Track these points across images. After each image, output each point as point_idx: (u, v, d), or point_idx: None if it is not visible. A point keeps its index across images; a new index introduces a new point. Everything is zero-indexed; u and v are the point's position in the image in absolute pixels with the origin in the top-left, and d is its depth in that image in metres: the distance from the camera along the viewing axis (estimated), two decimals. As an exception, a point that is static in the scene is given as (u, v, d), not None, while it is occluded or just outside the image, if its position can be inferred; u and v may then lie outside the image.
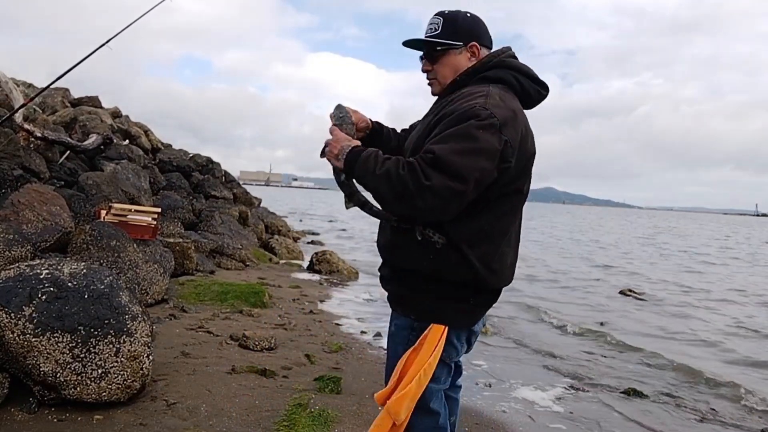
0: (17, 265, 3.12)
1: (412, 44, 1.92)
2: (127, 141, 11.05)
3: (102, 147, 8.89)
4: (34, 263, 3.11)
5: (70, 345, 2.82)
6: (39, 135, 7.32)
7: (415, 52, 1.97)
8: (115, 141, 9.81)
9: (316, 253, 9.69)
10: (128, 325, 3.00)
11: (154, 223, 6.14)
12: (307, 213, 33.68)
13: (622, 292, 10.33)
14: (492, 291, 1.89)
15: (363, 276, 9.56)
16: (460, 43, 1.86)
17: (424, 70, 1.94)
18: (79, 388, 2.82)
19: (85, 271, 3.12)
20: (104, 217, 5.85)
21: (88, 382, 2.83)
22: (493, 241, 1.79)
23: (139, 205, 7.32)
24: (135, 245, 5.39)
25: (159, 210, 6.55)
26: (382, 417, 1.83)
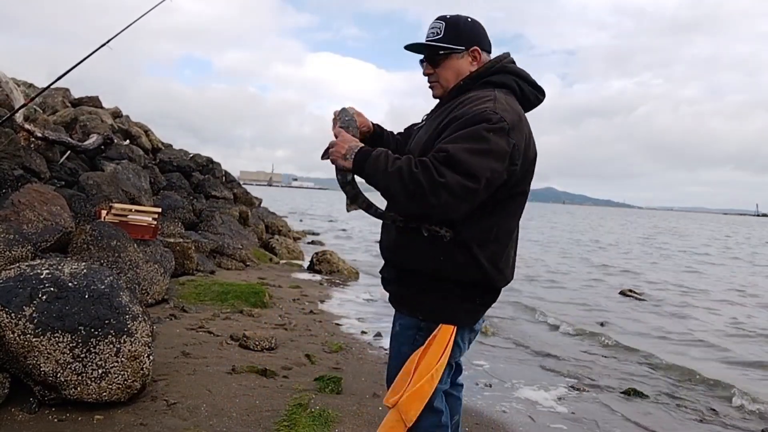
0: (18, 265, 3.12)
1: (414, 48, 1.94)
2: (128, 141, 11.06)
3: (102, 147, 8.90)
4: (35, 263, 3.12)
5: (71, 345, 2.82)
6: (39, 135, 7.32)
7: (416, 53, 1.98)
8: (116, 141, 9.82)
9: (317, 253, 9.70)
10: (129, 325, 3.01)
11: (155, 223, 6.14)
12: (307, 213, 33.69)
13: (622, 293, 10.33)
14: (496, 290, 1.92)
15: (363, 276, 9.56)
16: (462, 48, 1.88)
17: (426, 74, 1.95)
18: (79, 388, 2.82)
19: (85, 271, 3.13)
20: (105, 217, 5.85)
21: (89, 382, 2.83)
22: (500, 242, 1.82)
23: (140, 205, 7.32)
24: (135, 245, 5.40)
25: (159, 210, 6.56)
26: (393, 419, 1.83)
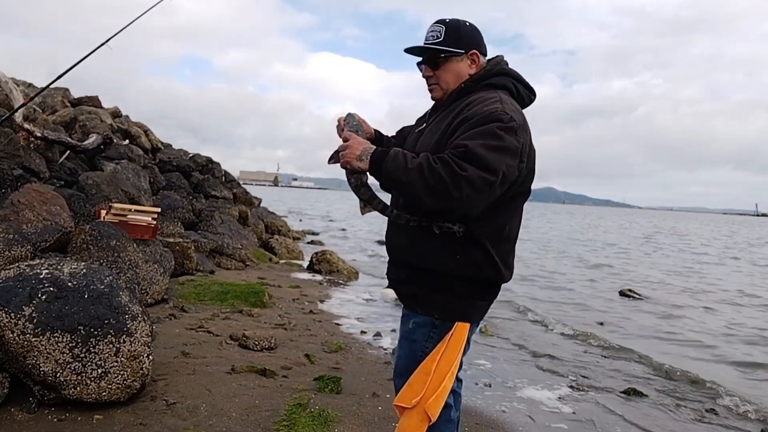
0: (17, 264, 3.12)
1: (414, 51, 1.97)
2: (127, 141, 11.06)
3: (102, 147, 8.89)
4: (34, 263, 3.12)
5: (70, 345, 2.82)
6: (39, 135, 7.32)
7: (416, 56, 2.00)
8: (115, 141, 9.82)
9: (316, 253, 9.69)
10: (128, 325, 3.00)
11: (154, 222, 6.14)
12: (307, 213, 33.69)
13: (622, 293, 10.33)
14: (500, 287, 1.97)
15: (363, 276, 9.56)
16: (462, 51, 1.91)
17: (425, 76, 1.98)
18: (79, 388, 2.82)
19: (85, 270, 3.13)
20: (104, 217, 5.85)
21: (88, 382, 2.83)
22: (510, 239, 1.89)
23: (139, 204, 7.32)
24: (135, 245, 5.39)
25: (159, 210, 6.56)
26: (416, 418, 1.84)
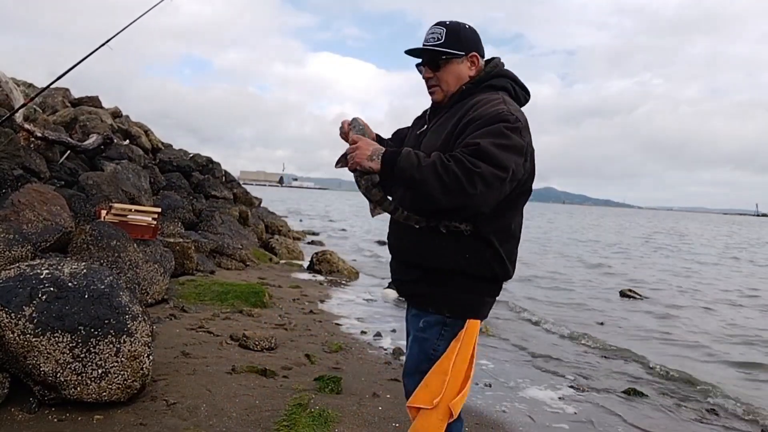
0: (17, 265, 3.12)
1: (415, 52, 1.98)
2: (128, 141, 11.06)
3: (102, 147, 8.89)
4: (35, 263, 3.12)
5: (71, 345, 2.82)
6: (39, 135, 7.32)
7: (416, 57, 2.02)
8: (116, 141, 9.82)
9: (316, 253, 9.70)
10: (128, 325, 3.00)
11: (155, 223, 6.14)
12: (307, 213, 33.69)
13: (622, 293, 10.32)
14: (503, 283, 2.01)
15: (363, 276, 9.56)
16: (463, 53, 1.93)
17: (426, 78, 1.99)
18: (79, 388, 2.82)
19: (85, 271, 3.13)
20: (104, 217, 5.85)
21: (89, 382, 2.83)
22: (515, 236, 1.93)
23: (140, 205, 7.32)
24: (135, 245, 5.39)
25: (159, 210, 6.56)
26: (436, 418, 1.85)
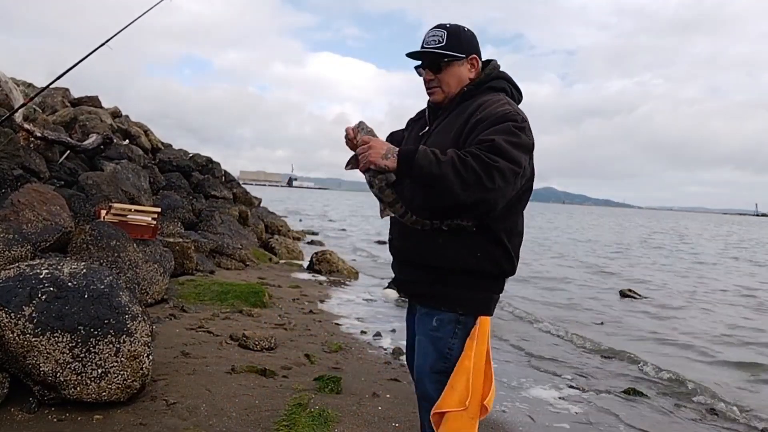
0: (17, 264, 3.12)
1: (416, 55, 1.98)
2: (127, 141, 11.06)
3: (102, 147, 8.89)
4: (34, 263, 3.11)
5: (70, 345, 2.82)
6: (39, 135, 7.32)
7: (416, 60, 2.02)
8: (115, 141, 9.82)
9: (316, 253, 9.70)
10: (128, 325, 3.00)
11: (154, 222, 6.14)
12: (307, 213, 33.69)
13: (622, 293, 10.32)
14: None
15: (363, 276, 9.56)
16: (463, 56, 1.95)
17: (427, 80, 1.99)
18: (79, 388, 2.82)
19: (85, 270, 3.12)
20: (104, 217, 5.85)
21: (88, 382, 2.83)
22: (521, 233, 1.96)
23: (139, 204, 7.32)
24: (135, 245, 5.39)
25: (159, 210, 6.55)
26: (467, 417, 1.84)
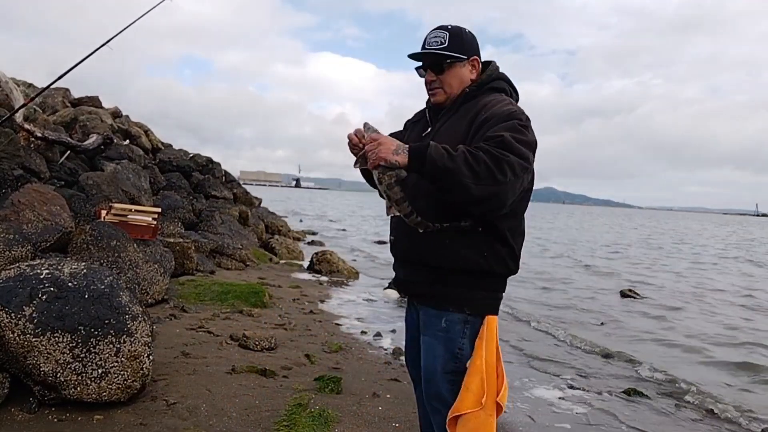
0: (17, 265, 3.12)
1: (418, 55, 1.98)
2: (128, 141, 11.06)
3: (102, 147, 8.90)
4: (35, 263, 3.12)
5: (71, 345, 2.82)
6: (39, 135, 7.33)
7: (418, 60, 2.02)
8: (116, 141, 9.82)
9: (316, 253, 9.70)
10: (128, 325, 3.01)
11: (155, 223, 6.14)
12: (307, 213, 33.68)
13: (623, 293, 10.32)
14: None
15: (363, 276, 9.57)
16: (465, 57, 1.96)
17: (429, 80, 1.99)
18: (79, 388, 2.82)
19: (85, 271, 3.13)
20: (104, 217, 5.85)
21: (89, 382, 2.83)
22: (523, 232, 1.97)
23: (140, 205, 7.32)
24: (135, 245, 5.39)
25: (159, 210, 6.56)
26: (485, 416, 1.84)
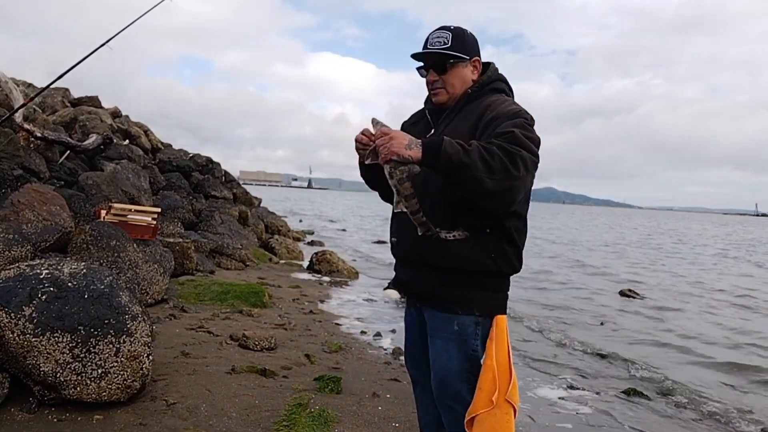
0: (17, 265, 3.12)
1: (420, 56, 1.98)
2: (127, 141, 11.06)
3: (102, 147, 8.90)
4: (34, 263, 3.11)
5: (70, 345, 2.82)
6: (39, 135, 7.32)
7: (420, 60, 2.02)
8: (115, 141, 9.82)
9: (316, 253, 9.70)
10: (128, 325, 3.00)
11: (154, 223, 6.14)
12: (306, 213, 33.69)
13: (622, 293, 10.33)
14: None
15: (363, 276, 9.56)
16: (468, 57, 1.96)
17: (431, 81, 1.99)
18: (79, 388, 2.82)
19: (85, 271, 3.12)
20: (104, 217, 5.85)
21: (88, 382, 2.83)
22: (526, 232, 1.98)
23: (139, 205, 7.32)
24: (135, 245, 5.39)
25: (159, 210, 6.55)
26: (502, 413, 1.84)
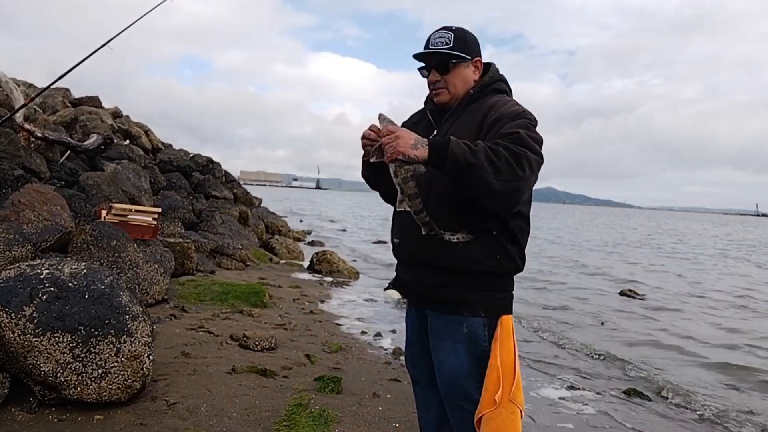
0: (18, 265, 3.12)
1: (422, 56, 1.98)
2: (128, 141, 11.07)
3: (102, 147, 8.91)
4: (35, 263, 3.12)
5: (71, 345, 2.82)
6: (39, 135, 7.33)
7: (422, 61, 2.01)
8: (116, 141, 9.83)
9: (317, 254, 9.70)
10: (128, 325, 3.01)
11: (155, 223, 6.14)
12: (306, 213, 33.69)
13: (622, 293, 10.33)
14: None
15: (363, 276, 9.57)
16: (469, 58, 1.96)
17: (433, 81, 1.99)
18: (79, 388, 2.82)
19: (85, 271, 3.13)
20: (105, 217, 5.85)
21: (89, 382, 2.83)
22: (529, 231, 1.98)
23: (140, 205, 7.33)
24: (135, 245, 5.40)
25: (159, 210, 6.55)
26: (508, 412, 1.84)
